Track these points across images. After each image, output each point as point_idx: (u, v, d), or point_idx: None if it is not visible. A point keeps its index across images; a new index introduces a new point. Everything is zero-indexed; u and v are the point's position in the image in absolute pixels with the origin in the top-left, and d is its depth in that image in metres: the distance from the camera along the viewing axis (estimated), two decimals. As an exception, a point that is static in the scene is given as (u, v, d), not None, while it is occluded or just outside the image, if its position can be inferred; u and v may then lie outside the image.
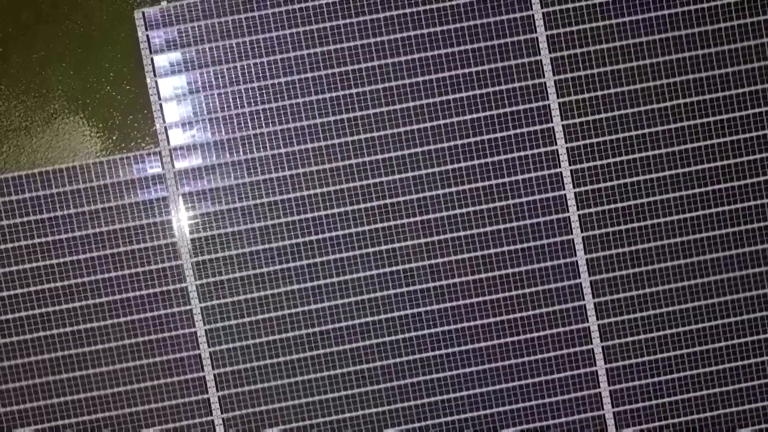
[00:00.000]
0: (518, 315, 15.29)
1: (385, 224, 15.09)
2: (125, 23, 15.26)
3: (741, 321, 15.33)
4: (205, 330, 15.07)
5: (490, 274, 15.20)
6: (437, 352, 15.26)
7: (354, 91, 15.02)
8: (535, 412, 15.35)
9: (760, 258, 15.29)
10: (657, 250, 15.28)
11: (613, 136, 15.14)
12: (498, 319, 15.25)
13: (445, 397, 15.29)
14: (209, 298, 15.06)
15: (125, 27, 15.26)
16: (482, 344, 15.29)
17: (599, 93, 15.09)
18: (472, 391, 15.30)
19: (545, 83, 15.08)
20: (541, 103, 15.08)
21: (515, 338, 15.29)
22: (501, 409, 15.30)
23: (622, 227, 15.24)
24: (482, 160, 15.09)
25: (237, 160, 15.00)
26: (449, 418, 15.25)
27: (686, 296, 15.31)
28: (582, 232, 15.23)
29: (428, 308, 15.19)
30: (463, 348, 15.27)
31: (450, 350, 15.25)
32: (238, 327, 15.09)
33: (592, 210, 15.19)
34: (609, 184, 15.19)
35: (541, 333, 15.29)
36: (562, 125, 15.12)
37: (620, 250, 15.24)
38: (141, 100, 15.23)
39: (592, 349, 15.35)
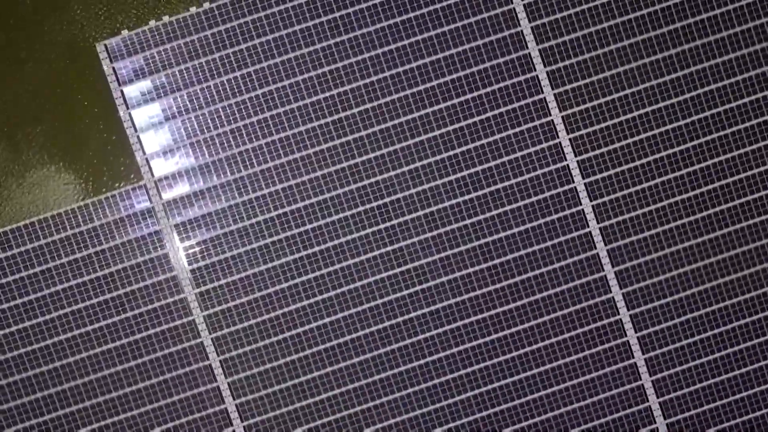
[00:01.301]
0: (539, 296, 14.74)
1: (388, 224, 14.52)
2: (89, 58, 14.63)
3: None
4: (220, 361, 14.53)
5: (503, 259, 14.64)
6: (460, 348, 14.71)
7: (335, 92, 14.44)
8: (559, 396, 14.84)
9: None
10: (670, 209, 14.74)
11: (607, 98, 14.56)
12: (521, 303, 14.70)
13: (476, 392, 14.77)
14: (219, 328, 14.51)
15: (90, 62, 14.63)
16: (509, 331, 14.74)
17: (586, 56, 14.50)
18: (503, 382, 14.76)
19: (530, 53, 14.48)
20: (529, 75, 14.51)
21: (539, 320, 14.74)
22: (525, 399, 14.80)
23: (632, 189, 14.68)
24: (477, 143, 14.51)
25: (225, 181, 14.43)
26: (479, 415, 14.75)
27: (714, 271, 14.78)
28: (591, 201, 14.66)
29: (445, 303, 14.63)
30: (487, 339, 14.72)
31: (473, 343, 14.71)
32: (253, 353, 14.55)
33: (598, 177, 14.62)
34: (611, 147, 14.61)
35: (564, 311, 14.75)
36: (554, 94, 14.53)
37: (633, 214, 14.69)
38: (117, 134, 14.64)
39: (620, 319, 14.81)
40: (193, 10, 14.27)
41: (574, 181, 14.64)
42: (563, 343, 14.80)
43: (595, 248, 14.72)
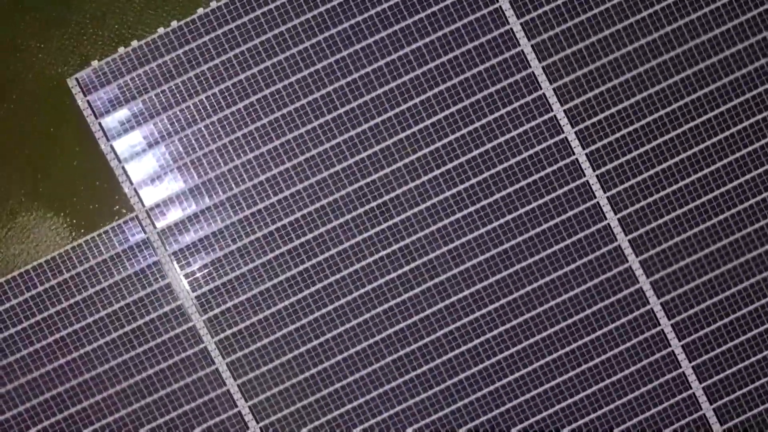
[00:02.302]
0: (554, 275, 14.30)
1: (390, 222, 14.09)
2: (62, 94, 14.15)
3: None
4: (238, 385, 14.11)
5: (514, 242, 14.20)
6: (482, 338, 14.29)
7: (317, 95, 13.98)
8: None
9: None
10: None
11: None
12: (536, 284, 14.28)
13: (506, 380, 14.36)
14: (232, 352, 14.09)
15: (63, 98, 14.14)
16: (529, 314, 14.32)
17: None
18: (533, 366, 14.35)
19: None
20: (514, 51, 14.04)
21: (559, 299, 14.32)
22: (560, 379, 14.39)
23: (632, 155, 14.24)
24: (470, 127, 14.06)
25: (218, 200, 13.99)
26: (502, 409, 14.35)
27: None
28: (594, 171, 14.21)
29: (460, 296, 14.20)
30: (508, 326, 14.30)
31: (494, 332, 14.29)
32: (271, 372, 14.13)
33: (599, 145, 14.18)
34: (606, 113, 14.17)
35: (588, 285, 14.32)
36: (542, 67, 14.07)
37: (640, 178, 14.25)
38: (101, 168, 14.15)
39: (640, 287, 14.39)
40: (161, 30, 13.81)
41: (574, 154, 14.20)
42: (589, 319, 14.39)
43: (605, 218, 14.30)
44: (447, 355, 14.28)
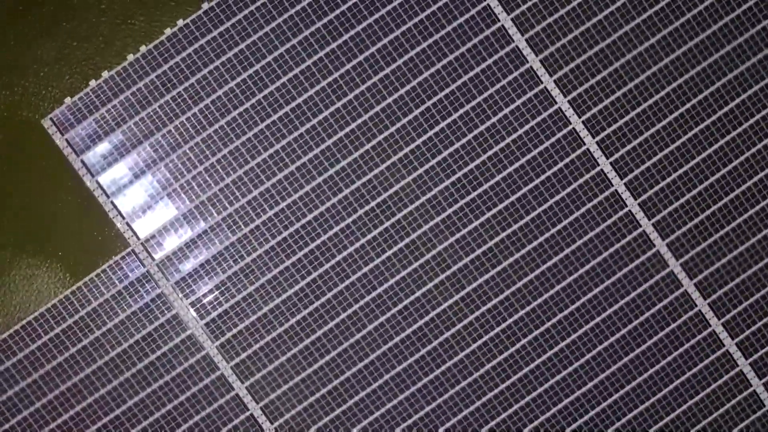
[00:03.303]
0: (567, 250, 13.87)
1: (393, 219, 13.65)
2: (38, 137, 13.71)
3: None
4: (261, 408, 13.70)
5: (522, 222, 13.76)
6: (503, 325, 13.87)
7: (300, 100, 13.55)
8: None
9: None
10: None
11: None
12: (552, 262, 13.85)
13: (535, 364, 13.94)
14: (250, 375, 13.68)
15: (40, 141, 13.69)
16: (548, 294, 13.89)
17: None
18: (555, 348, 13.93)
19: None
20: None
21: (576, 274, 13.89)
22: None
23: (627, 117, 13.78)
24: (462, 111, 13.62)
25: (214, 222, 13.56)
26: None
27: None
28: (593, 138, 13.77)
29: (474, 284, 13.77)
30: (528, 309, 13.88)
31: (515, 317, 13.86)
32: (293, 390, 13.72)
33: (594, 111, 13.73)
34: (597, 77, 13.71)
35: (603, 254, 13.89)
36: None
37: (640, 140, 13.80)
38: (89, 206, 13.72)
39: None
40: (130, 57, 13.37)
41: (570, 123, 13.75)
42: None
43: (612, 185, 13.86)
44: (470, 348, 13.85)
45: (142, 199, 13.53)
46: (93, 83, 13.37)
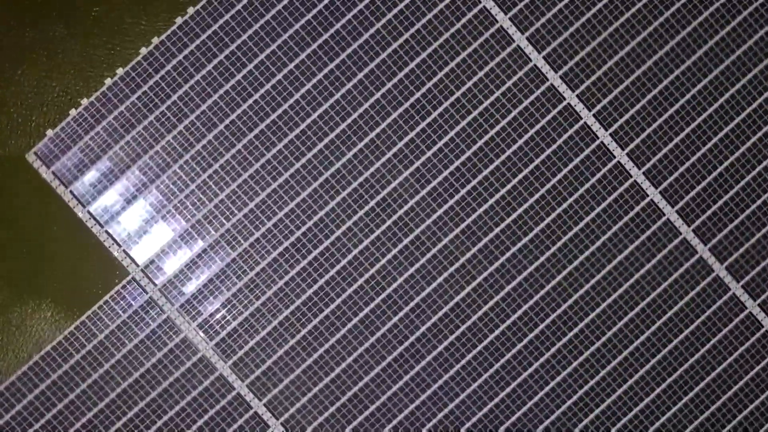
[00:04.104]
0: (580, 225, 13.53)
1: (395, 216, 13.31)
2: (24, 172, 13.38)
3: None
4: (282, 423, 13.38)
5: (527, 205, 13.41)
6: (520, 312, 13.54)
7: (285, 106, 13.20)
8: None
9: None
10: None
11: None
12: (561, 243, 13.50)
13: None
14: (267, 391, 13.35)
15: (27, 176, 13.37)
16: (561, 275, 13.55)
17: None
18: (575, 331, 13.58)
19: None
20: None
21: (597, 243, 13.56)
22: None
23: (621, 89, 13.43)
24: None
25: (213, 240, 13.23)
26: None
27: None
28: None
29: (485, 274, 13.43)
30: (542, 292, 13.54)
31: (530, 302, 13.53)
32: (312, 401, 13.40)
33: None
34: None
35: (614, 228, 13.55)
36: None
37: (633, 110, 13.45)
38: (83, 237, 13.39)
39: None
40: (108, 82, 13.03)
41: (564, 99, 13.40)
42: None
43: (647, 195, 13.51)
44: (488, 339, 13.52)
45: (136, 225, 13.20)
46: (73, 112, 13.04)
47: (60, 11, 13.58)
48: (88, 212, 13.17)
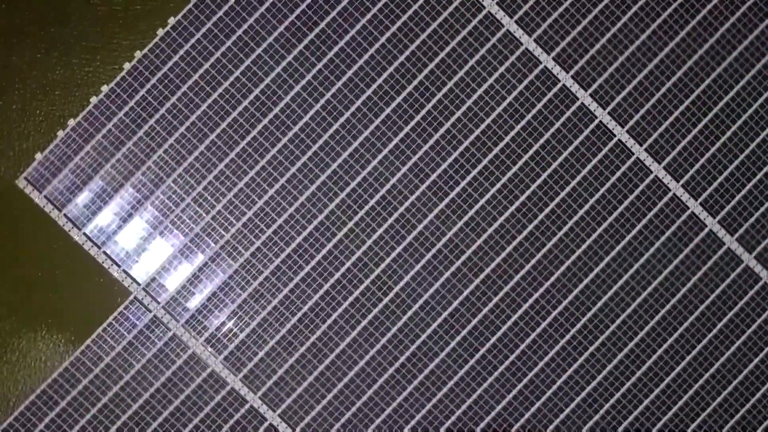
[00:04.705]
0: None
1: (397, 213, 13.05)
2: (17, 200, 13.10)
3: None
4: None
5: (529, 192, 13.15)
6: (528, 304, 13.27)
7: (275, 111, 12.94)
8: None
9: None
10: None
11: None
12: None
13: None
14: (281, 401, 13.10)
15: (20, 204, 13.09)
16: (570, 260, 13.28)
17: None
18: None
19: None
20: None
21: (591, 239, 13.29)
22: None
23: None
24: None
25: (213, 253, 12.97)
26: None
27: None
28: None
29: (493, 265, 13.17)
30: (552, 279, 13.28)
31: (537, 293, 13.27)
32: (326, 408, 13.14)
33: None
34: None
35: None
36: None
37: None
38: (82, 260, 13.12)
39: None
40: (93, 100, 12.77)
41: (560, 81, 13.12)
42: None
43: (669, 190, 13.23)
44: (501, 330, 13.26)
45: (134, 243, 12.95)
46: (61, 133, 12.79)
47: (38, 34, 13.31)
48: (84, 234, 12.92)
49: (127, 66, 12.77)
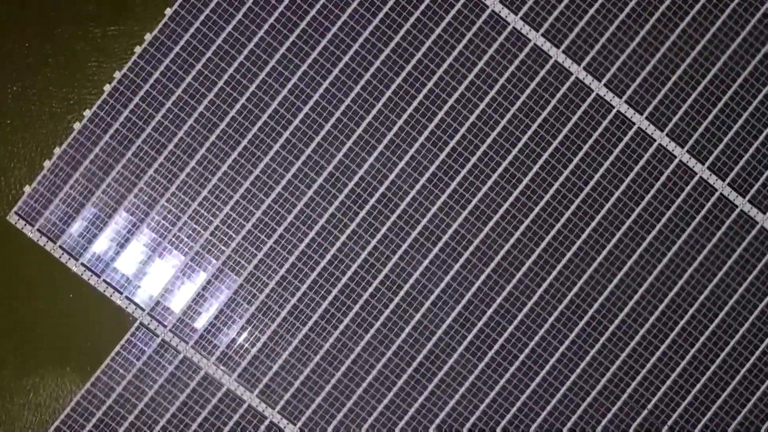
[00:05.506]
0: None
1: (398, 211, 12.70)
2: (10, 236, 12.77)
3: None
4: (321, 445, 12.84)
5: (526, 183, 12.80)
6: (533, 300, 12.93)
7: (267, 114, 12.59)
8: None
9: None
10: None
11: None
12: (572, 210, 12.89)
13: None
14: (300, 414, 12.77)
15: (14, 240, 12.75)
16: (574, 248, 12.93)
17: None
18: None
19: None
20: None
21: (594, 223, 12.94)
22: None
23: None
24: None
25: (216, 269, 12.64)
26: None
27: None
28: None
29: (501, 254, 12.82)
30: (556, 272, 12.93)
31: (541, 288, 12.91)
32: (348, 416, 12.80)
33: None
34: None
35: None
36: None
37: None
38: (83, 291, 12.78)
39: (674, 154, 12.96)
40: (77, 126, 12.43)
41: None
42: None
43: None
44: (518, 318, 12.92)
45: (134, 268, 12.62)
46: (47, 163, 12.46)
47: (16, 67, 12.91)
48: (83, 264, 12.59)
49: (107, 88, 12.43)
